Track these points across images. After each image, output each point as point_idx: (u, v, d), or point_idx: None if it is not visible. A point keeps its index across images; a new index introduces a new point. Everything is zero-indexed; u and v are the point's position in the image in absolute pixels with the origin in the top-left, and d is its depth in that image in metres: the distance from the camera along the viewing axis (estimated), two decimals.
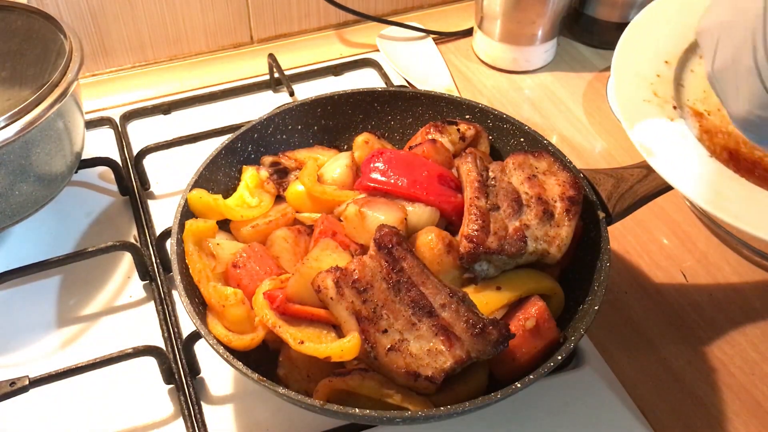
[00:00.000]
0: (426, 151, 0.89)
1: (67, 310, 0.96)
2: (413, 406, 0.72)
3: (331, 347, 0.72)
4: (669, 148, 0.82)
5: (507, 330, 0.72)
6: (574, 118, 1.25)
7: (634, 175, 0.89)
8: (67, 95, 0.92)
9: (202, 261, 0.82)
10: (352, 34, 1.43)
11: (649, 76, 0.89)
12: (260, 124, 0.97)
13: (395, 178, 0.85)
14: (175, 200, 0.89)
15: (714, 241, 1.04)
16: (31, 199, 0.94)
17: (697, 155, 0.82)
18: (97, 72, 1.33)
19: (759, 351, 0.92)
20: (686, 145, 0.83)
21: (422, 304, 0.73)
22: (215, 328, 0.77)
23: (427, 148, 0.90)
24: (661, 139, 0.83)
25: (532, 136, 0.95)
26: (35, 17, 1.00)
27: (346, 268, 0.75)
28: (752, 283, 0.99)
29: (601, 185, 0.87)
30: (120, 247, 0.97)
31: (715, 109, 0.88)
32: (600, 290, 0.79)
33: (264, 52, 1.33)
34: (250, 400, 0.87)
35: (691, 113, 0.87)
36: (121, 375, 0.88)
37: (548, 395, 0.85)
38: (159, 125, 1.23)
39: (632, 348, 0.92)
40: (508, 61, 1.34)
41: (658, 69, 0.90)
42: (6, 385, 0.78)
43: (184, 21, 1.32)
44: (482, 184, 0.83)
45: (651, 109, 0.86)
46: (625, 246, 1.04)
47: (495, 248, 0.77)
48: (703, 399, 0.87)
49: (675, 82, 0.90)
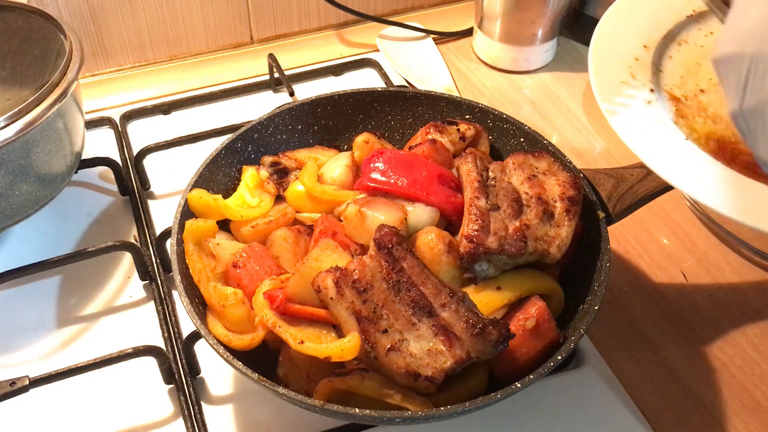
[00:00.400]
0: (426, 151, 0.89)
1: (67, 310, 0.96)
2: (413, 406, 0.72)
3: (331, 347, 0.72)
4: (644, 128, 0.83)
5: (507, 330, 0.72)
6: (574, 118, 1.25)
7: (634, 175, 0.89)
8: (67, 95, 0.92)
9: (202, 261, 0.82)
10: (352, 34, 1.43)
11: (627, 59, 0.90)
12: (260, 124, 0.97)
13: (395, 178, 0.85)
14: (175, 200, 0.89)
15: (714, 241, 1.04)
16: (31, 199, 0.94)
17: (672, 137, 0.82)
18: (97, 72, 1.33)
19: (759, 351, 0.92)
20: (662, 126, 0.83)
21: (422, 304, 0.73)
22: (215, 328, 0.77)
23: (427, 148, 0.90)
24: (637, 119, 0.84)
25: (532, 136, 0.95)
26: (35, 17, 1.00)
27: (346, 268, 0.75)
28: (752, 283, 0.99)
29: (601, 185, 0.87)
30: (120, 247, 0.97)
31: (692, 95, 0.88)
32: (600, 290, 0.79)
33: (264, 52, 1.33)
34: (250, 400, 0.87)
35: (668, 97, 0.87)
36: (121, 375, 0.88)
37: (548, 395, 0.85)
38: (159, 125, 1.23)
39: (632, 348, 0.92)
40: (508, 61, 1.34)
41: (636, 53, 0.91)
42: (6, 385, 0.78)
43: (184, 21, 1.32)
44: (482, 184, 0.83)
45: (627, 90, 0.86)
46: (625, 246, 1.04)
47: (495, 248, 0.77)
48: (703, 399, 0.87)
49: (653, 67, 0.90)
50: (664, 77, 0.90)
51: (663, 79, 0.89)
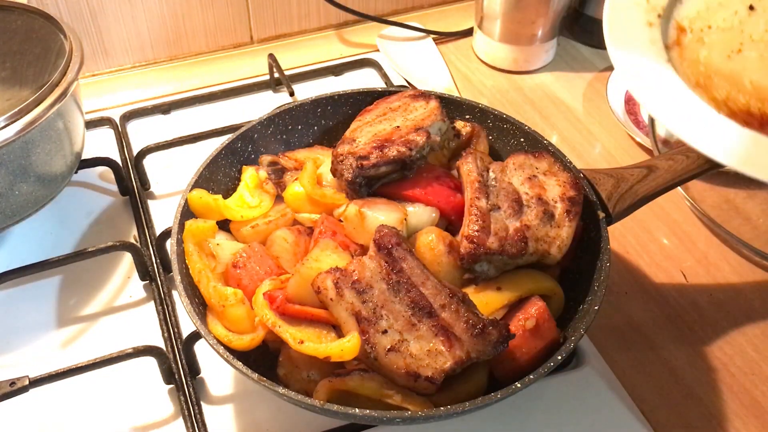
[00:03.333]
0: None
1: (67, 310, 0.96)
2: (413, 406, 0.72)
3: (331, 347, 0.72)
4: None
5: (507, 330, 0.72)
6: (574, 118, 1.25)
7: (634, 175, 0.89)
8: (67, 95, 0.92)
9: (202, 261, 0.82)
10: (352, 34, 1.43)
11: None
12: (260, 124, 0.97)
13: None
14: (175, 200, 0.89)
15: (714, 241, 1.04)
16: (31, 199, 0.94)
17: (657, 57, 0.82)
18: (97, 72, 1.33)
19: (759, 351, 0.92)
20: (651, 46, 0.82)
21: (422, 305, 0.73)
22: (215, 328, 0.77)
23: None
24: (630, 33, 0.83)
25: (532, 136, 0.95)
26: (35, 17, 1.00)
27: (345, 269, 0.75)
28: (752, 283, 0.99)
29: (601, 185, 0.87)
30: (120, 247, 0.97)
31: (698, 29, 0.87)
32: (600, 290, 0.79)
33: (264, 52, 1.33)
34: (250, 400, 0.87)
35: (675, 26, 0.86)
36: (121, 375, 0.88)
37: (548, 395, 0.85)
38: (159, 125, 1.23)
39: (632, 348, 0.92)
40: (508, 61, 1.34)
41: None
42: (6, 385, 0.78)
43: (184, 21, 1.32)
44: (483, 185, 0.83)
45: (634, 12, 0.85)
46: (625, 246, 1.04)
47: (496, 249, 0.77)
48: (703, 399, 0.87)
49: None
50: (682, 8, 0.88)
51: (680, 10, 0.88)
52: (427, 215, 0.83)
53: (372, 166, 0.84)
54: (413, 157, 0.85)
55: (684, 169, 0.89)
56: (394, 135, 0.87)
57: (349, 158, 0.85)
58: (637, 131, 1.18)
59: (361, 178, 0.84)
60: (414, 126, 0.88)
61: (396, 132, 0.88)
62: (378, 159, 0.84)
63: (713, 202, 1.07)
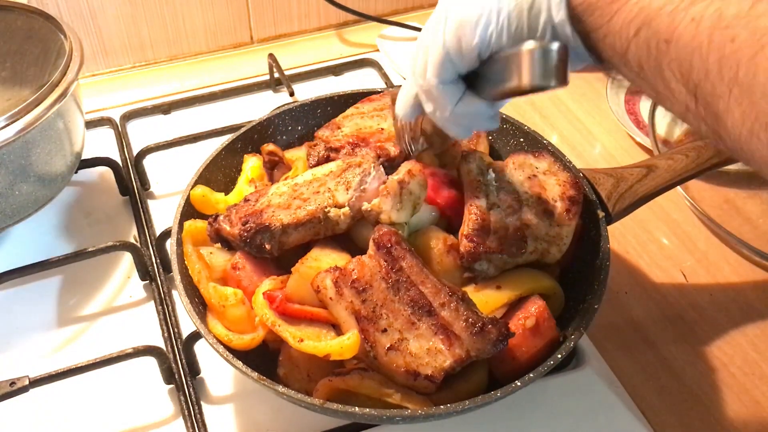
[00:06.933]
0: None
1: (67, 310, 0.96)
2: (413, 405, 0.72)
3: (331, 345, 0.72)
4: None
5: (506, 329, 0.72)
6: (574, 118, 1.25)
7: (634, 174, 0.89)
8: (67, 95, 0.92)
9: (201, 261, 0.82)
10: (352, 34, 1.43)
11: None
12: (260, 124, 0.97)
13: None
14: (175, 200, 0.89)
15: (714, 241, 1.04)
16: (31, 199, 0.94)
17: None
18: (97, 72, 1.33)
19: (759, 351, 0.92)
20: None
21: (421, 304, 0.73)
22: (215, 328, 0.77)
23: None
24: None
25: (532, 136, 0.95)
26: (35, 17, 1.00)
27: (345, 268, 0.75)
28: (752, 283, 0.99)
29: (600, 185, 0.87)
30: (120, 247, 0.97)
31: None
32: (600, 290, 0.79)
33: (264, 52, 1.33)
34: (250, 400, 0.87)
35: None
36: (121, 375, 0.87)
37: (548, 395, 0.85)
38: (159, 125, 1.23)
39: (632, 348, 0.92)
40: None
41: None
42: (6, 385, 0.78)
43: (184, 21, 1.32)
44: (482, 184, 0.83)
45: None
46: (625, 246, 1.04)
47: (495, 248, 0.77)
48: (703, 399, 0.87)
49: None
50: None
51: None
52: (427, 215, 0.83)
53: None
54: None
55: (684, 168, 0.89)
56: (374, 137, 0.87)
57: (321, 145, 0.88)
58: (637, 131, 1.18)
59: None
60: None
61: (378, 134, 0.87)
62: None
63: (713, 202, 1.07)
